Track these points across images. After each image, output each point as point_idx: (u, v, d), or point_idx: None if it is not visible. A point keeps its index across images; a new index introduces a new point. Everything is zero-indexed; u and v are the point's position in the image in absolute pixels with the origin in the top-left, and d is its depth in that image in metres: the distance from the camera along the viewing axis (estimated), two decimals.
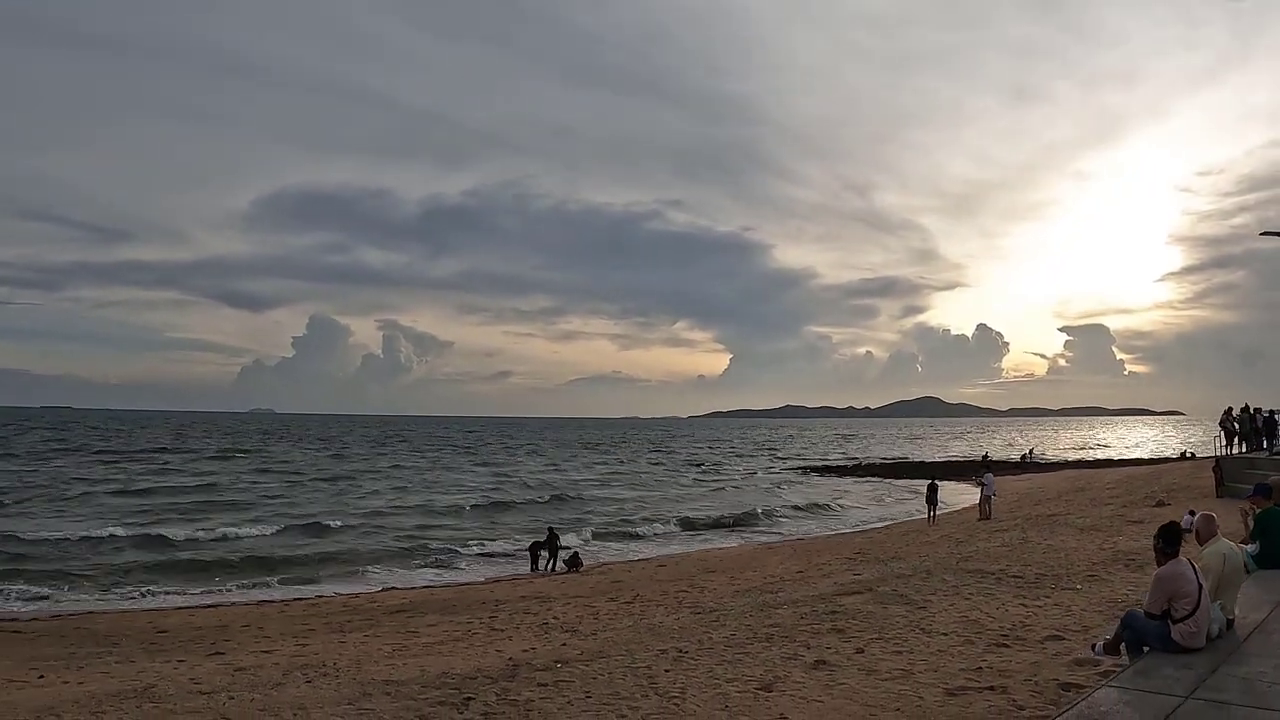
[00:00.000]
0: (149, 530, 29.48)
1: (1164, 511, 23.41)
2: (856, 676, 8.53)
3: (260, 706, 8.10)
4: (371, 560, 25.18)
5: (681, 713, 7.51)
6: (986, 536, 21.23)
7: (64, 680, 10.76)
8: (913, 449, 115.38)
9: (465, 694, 8.11)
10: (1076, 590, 12.46)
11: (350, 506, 39.85)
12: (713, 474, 70.08)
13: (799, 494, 51.96)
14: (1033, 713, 6.95)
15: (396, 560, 25.47)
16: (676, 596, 14.93)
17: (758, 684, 8.32)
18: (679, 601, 14.13)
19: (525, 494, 47.75)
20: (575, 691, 8.18)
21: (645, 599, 14.84)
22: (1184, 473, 37.50)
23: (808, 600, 12.78)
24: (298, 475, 56.84)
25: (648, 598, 15.05)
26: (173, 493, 44.30)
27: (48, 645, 13.65)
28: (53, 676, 11.01)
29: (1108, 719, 4.35)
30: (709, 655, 9.51)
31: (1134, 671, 5.34)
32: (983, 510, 29.49)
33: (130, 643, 13.76)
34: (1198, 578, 5.86)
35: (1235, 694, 4.69)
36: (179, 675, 10.37)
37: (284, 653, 11.89)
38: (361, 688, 8.61)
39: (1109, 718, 4.36)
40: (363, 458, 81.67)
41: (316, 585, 21.29)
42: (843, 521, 37.92)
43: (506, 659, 10.06)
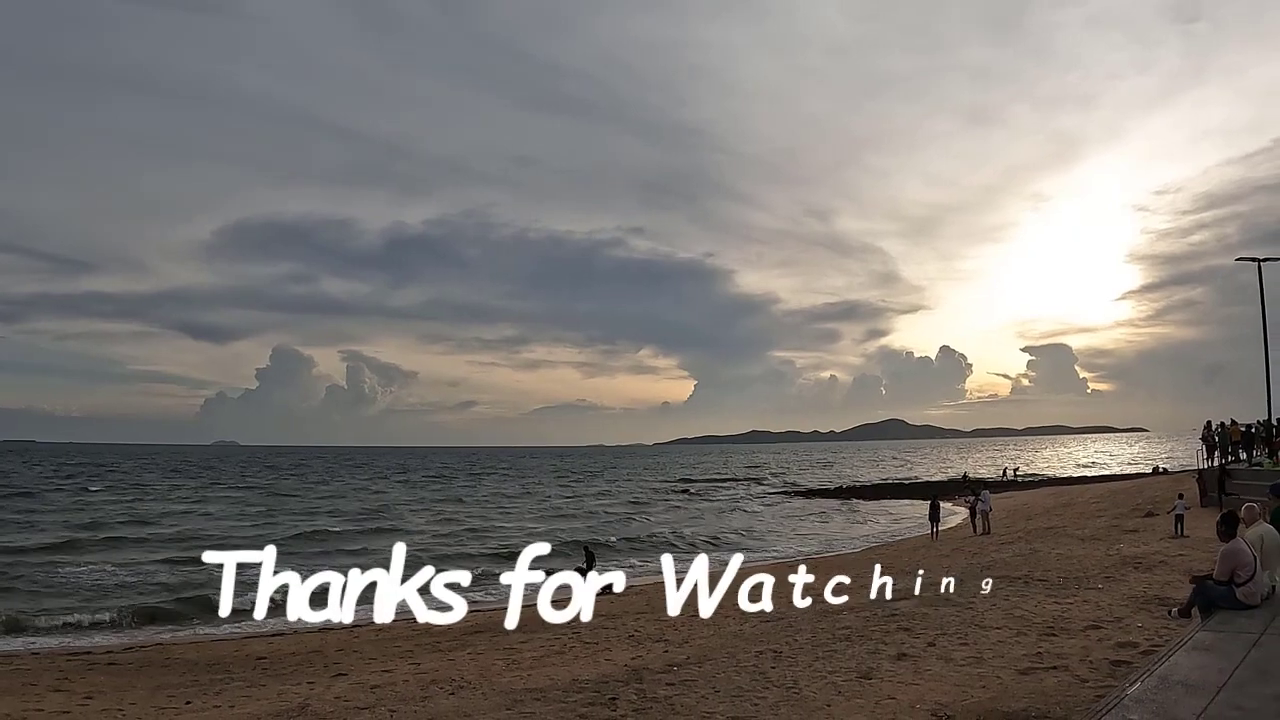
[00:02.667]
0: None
1: (1154, 521, 25.64)
2: (937, 664, 10.26)
3: (428, 716, 9.50)
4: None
5: (802, 699, 9.13)
6: (997, 548, 23.17)
7: (214, 705, 11.69)
8: (890, 471, 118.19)
9: (608, 694, 9.63)
10: (1099, 590, 14.33)
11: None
12: (702, 498, 71.85)
13: (790, 515, 54.07)
14: (1094, 684, 8.71)
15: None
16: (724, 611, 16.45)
17: (858, 674, 10.00)
18: (739, 614, 15.68)
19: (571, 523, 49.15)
20: (702, 688, 9.76)
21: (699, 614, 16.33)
22: (1163, 486, 40.02)
23: (860, 608, 14.52)
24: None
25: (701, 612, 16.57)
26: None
27: (160, 675, 14.36)
28: (199, 703, 11.87)
29: (1213, 649, 6.19)
30: (803, 654, 11.19)
31: (1216, 622, 7.22)
32: (979, 525, 31.52)
33: (241, 668, 14.66)
34: (1252, 551, 7.87)
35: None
36: (323, 694, 11.45)
37: (403, 672, 12.94)
38: (506, 696, 10.01)
39: (1214, 647, 6.20)
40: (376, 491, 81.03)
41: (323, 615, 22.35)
42: (848, 540, 39.77)
43: (623, 666, 11.55)
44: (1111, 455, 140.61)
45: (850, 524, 47.77)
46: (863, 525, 46.93)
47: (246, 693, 12.32)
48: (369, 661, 14.42)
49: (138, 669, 15.02)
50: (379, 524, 46.76)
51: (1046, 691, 8.70)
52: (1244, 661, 5.80)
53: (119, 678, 14.27)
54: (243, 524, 45.68)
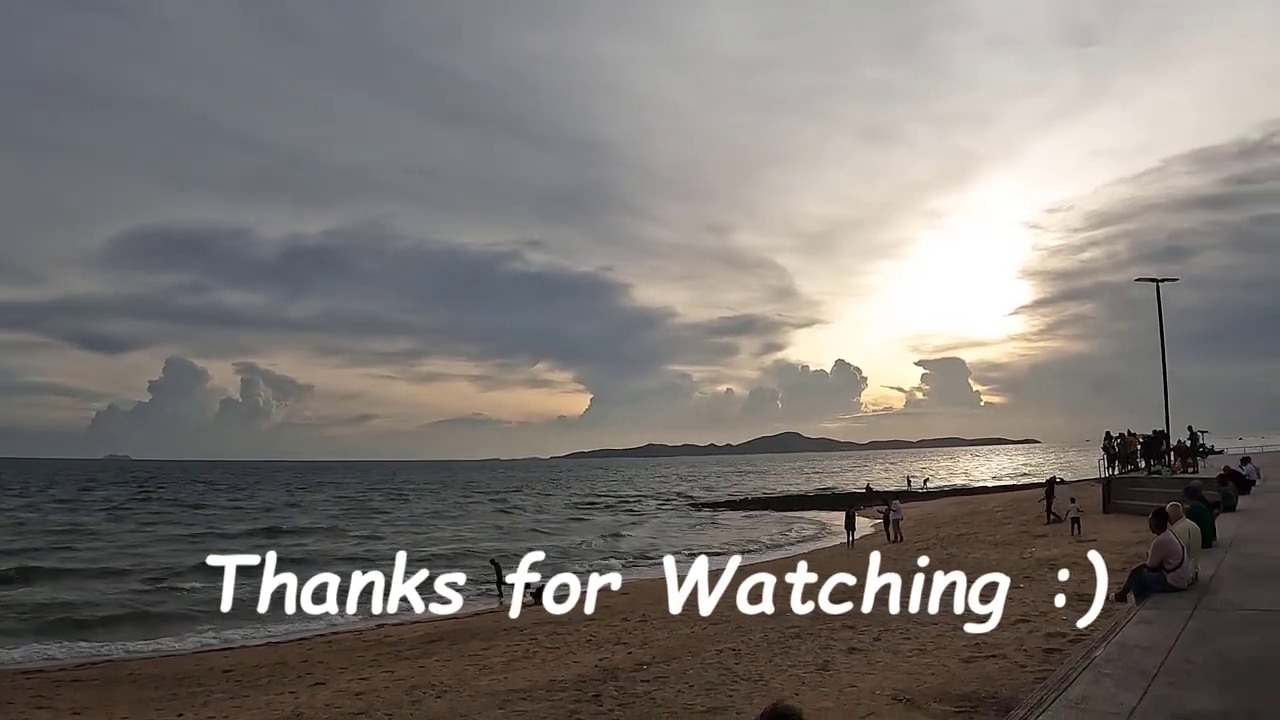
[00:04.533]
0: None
1: (1059, 526, 27.63)
2: (887, 656, 11.33)
3: (429, 716, 10.01)
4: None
5: (770, 690, 10.01)
6: (916, 554, 24.71)
7: (208, 715, 11.76)
8: (794, 483, 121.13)
9: (590, 692, 10.34)
10: (1021, 589, 15.72)
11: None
12: (615, 512, 72.45)
13: (703, 527, 55.40)
14: (1032, 668, 9.90)
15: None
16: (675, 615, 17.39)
17: (816, 666, 10.98)
18: (688, 617, 16.62)
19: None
20: (676, 683, 10.56)
21: (652, 618, 17.22)
22: (1063, 495, 42.80)
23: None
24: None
25: (653, 617, 17.44)
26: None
27: (135, 690, 14.20)
28: (190, 715, 11.91)
29: (1156, 622, 7.41)
30: (761, 651, 12.11)
31: (1152, 603, 8.51)
32: (893, 534, 33.29)
33: (212, 681, 14.60)
34: (1180, 542, 9.26)
35: (1219, 607, 8.16)
36: (311, 702, 11.68)
37: (380, 679, 13.18)
38: (494, 698, 10.55)
39: (1157, 621, 7.43)
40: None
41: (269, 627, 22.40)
42: (767, 549, 41.13)
43: (593, 667, 12.15)
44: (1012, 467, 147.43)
45: (765, 535, 49.23)
46: (778, 536, 48.42)
47: (234, 703, 12.45)
48: (340, 671, 14.60)
49: (105, 685, 14.83)
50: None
51: (990, 675, 9.84)
52: (1184, 630, 7.04)
53: (93, 693, 14.18)
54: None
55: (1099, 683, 5.56)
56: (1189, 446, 32.06)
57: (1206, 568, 10.13)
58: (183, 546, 41.67)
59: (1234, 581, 9.38)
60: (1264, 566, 10.64)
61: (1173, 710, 4.94)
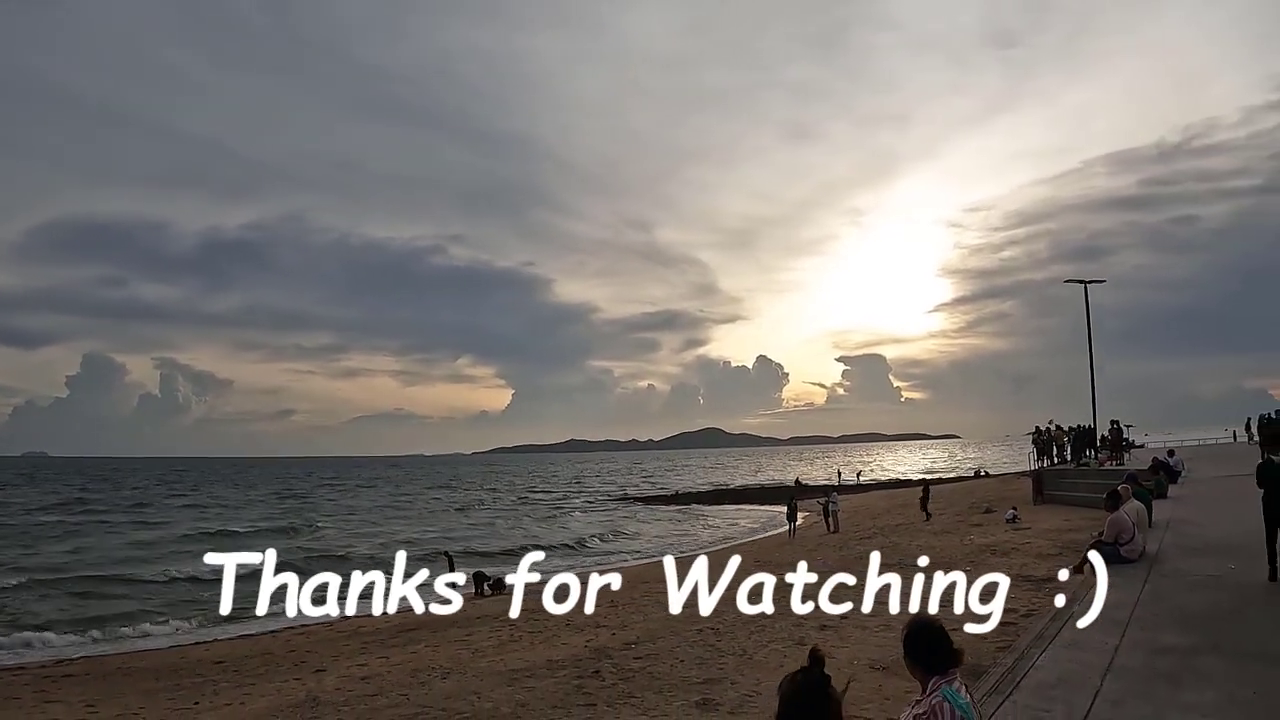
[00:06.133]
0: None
1: (993, 516, 29.38)
2: (856, 632, 12.42)
3: (443, 694, 10.63)
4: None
5: (756, 663, 10.99)
6: (859, 542, 26.12)
7: (225, 703, 11.93)
8: (720, 478, 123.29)
9: (589, 669, 11.11)
10: (969, 571, 17.02)
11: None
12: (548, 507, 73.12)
13: (638, 521, 56.57)
14: (993, 639, 11.05)
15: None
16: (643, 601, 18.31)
17: (793, 641, 12.00)
18: (656, 602, 17.53)
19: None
20: (668, 660, 11.41)
21: (617, 604, 18.09)
22: (992, 487, 45.17)
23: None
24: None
25: (619, 602, 18.32)
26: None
27: (137, 682, 14.28)
28: (205, 703, 12.08)
29: (1117, 586, 8.70)
30: (739, 630, 13.09)
31: (1110, 572, 9.74)
32: (832, 525, 34.82)
33: (211, 672, 14.75)
34: (1130, 519, 10.61)
35: (1169, 574, 9.41)
36: (321, 687, 11.97)
37: (378, 665, 13.57)
38: (499, 676, 11.14)
39: (1117, 585, 8.71)
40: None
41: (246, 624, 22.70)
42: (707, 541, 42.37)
43: (584, 647, 12.85)
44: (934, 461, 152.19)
45: (703, 527, 50.60)
46: (714, 528, 49.82)
47: (244, 691, 12.76)
48: (334, 659, 14.96)
49: (99, 679, 14.89)
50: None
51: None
52: (1143, 591, 8.45)
53: (92, 687, 14.24)
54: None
55: (1083, 630, 6.77)
56: (1117, 440, 34.27)
57: (1150, 544, 11.62)
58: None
59: (1177, 555, 10.94)
60: (1201, 542, 12.35)
61: (1149, 645, 6.32)
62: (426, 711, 9.56)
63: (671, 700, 9.30)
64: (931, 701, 3.40)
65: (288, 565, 31.98)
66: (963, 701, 3.42)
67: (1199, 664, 6.54)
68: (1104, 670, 6.37)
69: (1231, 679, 6.23)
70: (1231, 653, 6.76)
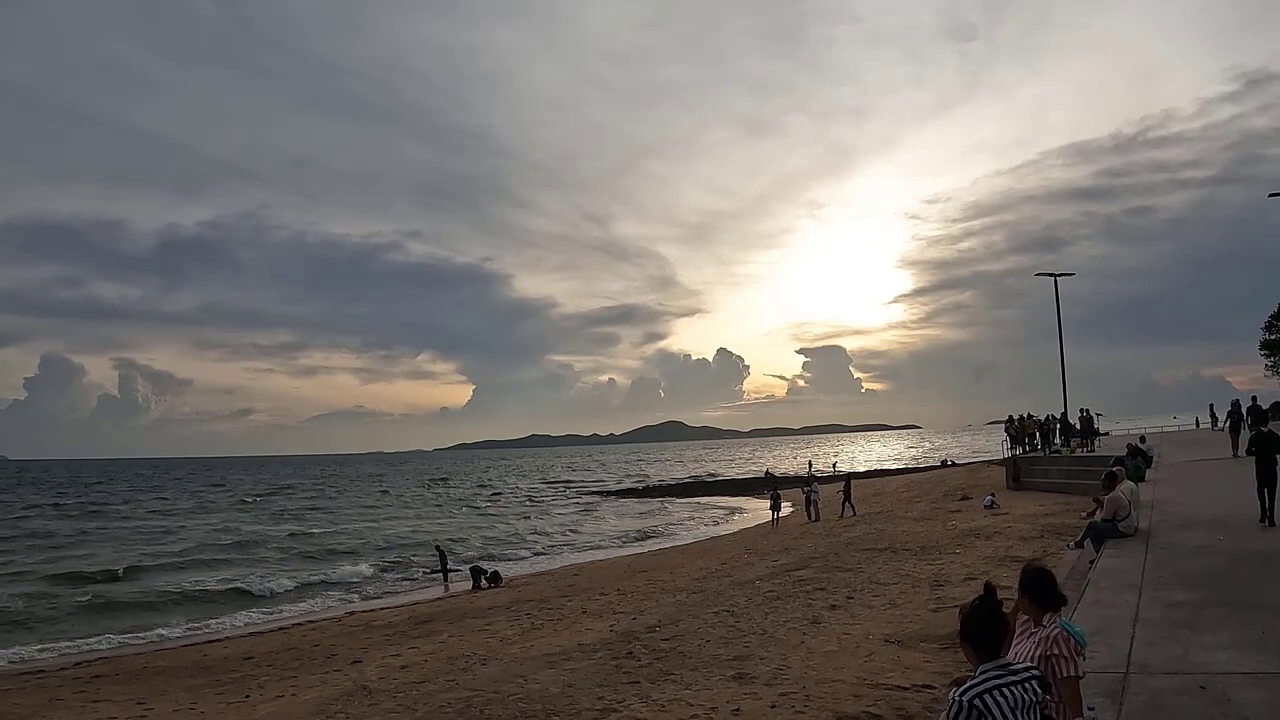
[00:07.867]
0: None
1: (970, 503, 30.63)
2: (864, 611, 13.38)
3: (490, 678, 11.32)
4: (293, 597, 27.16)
5: (778, 640, 11.88)
6: (845, 530, 27.18)
7: (276, 695, 12.45)
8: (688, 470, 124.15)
9: (622, 651, 11.91)
10: (958, 554, 18.11)
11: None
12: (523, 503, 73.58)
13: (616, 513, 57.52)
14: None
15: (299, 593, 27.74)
16: (649, 588, 19.14)
17: (808, 620, 12.93)
18: (662, 589, 18.39)
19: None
20: (694, 639, 12.28)
21: (624, 592, 18.92)
22: (963, 475, 46.62)
23: (767, 577, 17.61)
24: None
25: (626, 590, 19.15)
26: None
27: (177, 679, 14.64)
28: (256, 696, 12.56)
29: (1121, 555, 9.77)
30: (755, 611, 14.00)
31: (1110, 546, 10.85)
32: (813, 514, 35.90)
33: (246, 667, 15.21)
34: (1126, 498, 11.75)
35: (1164, 546, 10.82)
36: (364, 676, 12.64)
37: (411, 655, 14.22)
38: (538, 660, 11.86)
39: (1121, 555, 9.79)
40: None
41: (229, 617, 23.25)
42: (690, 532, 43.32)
43: (609, 631, 13.71)
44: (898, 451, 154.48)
45: (681, 519, 51.46)
46: (693, 519, 50.70)
47: (288, 683, 13.28)
48: (364, 650, 15.55)
49: (134, 677, 15.27)
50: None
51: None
52: (1146, 560, 9.63)
53: (134, 686, 14.59)
54: None
55: (1102, 592, 7.87)
56: (1088, 428, 35.75)
57: (1141, 522, 12.79)
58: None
59: (1167, 530, 12.28)
60: (1186, 518, 13.76)
61: (1164, 601, 7.63)
62: (479, 694, 10.30)
63: (709, 675, 10.14)
64: (1052, 632, 4.16)
65: (286, 564, 32.60)
66: (1078, 630, 4.20)
67: (1209, 614, 7.85)
68: (1132, 620, 7.61)
69: (1239, 624, 7.51)
70: (1235, 605, 8.07)
